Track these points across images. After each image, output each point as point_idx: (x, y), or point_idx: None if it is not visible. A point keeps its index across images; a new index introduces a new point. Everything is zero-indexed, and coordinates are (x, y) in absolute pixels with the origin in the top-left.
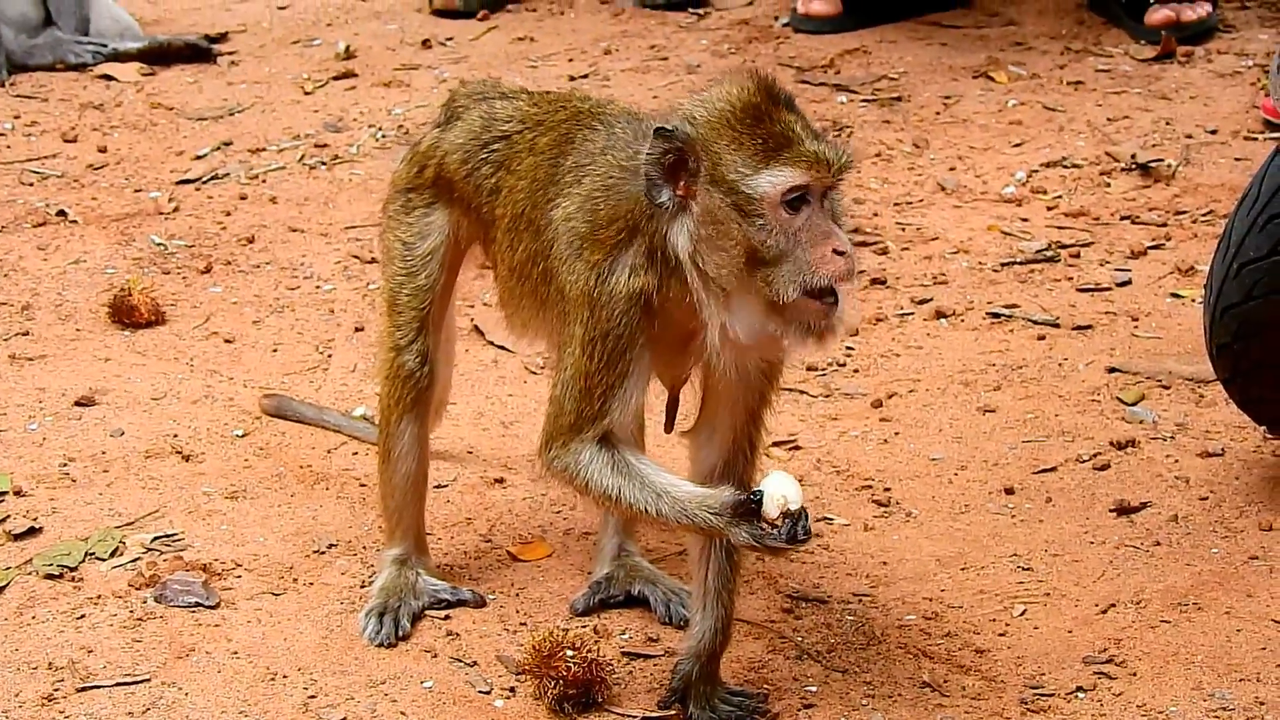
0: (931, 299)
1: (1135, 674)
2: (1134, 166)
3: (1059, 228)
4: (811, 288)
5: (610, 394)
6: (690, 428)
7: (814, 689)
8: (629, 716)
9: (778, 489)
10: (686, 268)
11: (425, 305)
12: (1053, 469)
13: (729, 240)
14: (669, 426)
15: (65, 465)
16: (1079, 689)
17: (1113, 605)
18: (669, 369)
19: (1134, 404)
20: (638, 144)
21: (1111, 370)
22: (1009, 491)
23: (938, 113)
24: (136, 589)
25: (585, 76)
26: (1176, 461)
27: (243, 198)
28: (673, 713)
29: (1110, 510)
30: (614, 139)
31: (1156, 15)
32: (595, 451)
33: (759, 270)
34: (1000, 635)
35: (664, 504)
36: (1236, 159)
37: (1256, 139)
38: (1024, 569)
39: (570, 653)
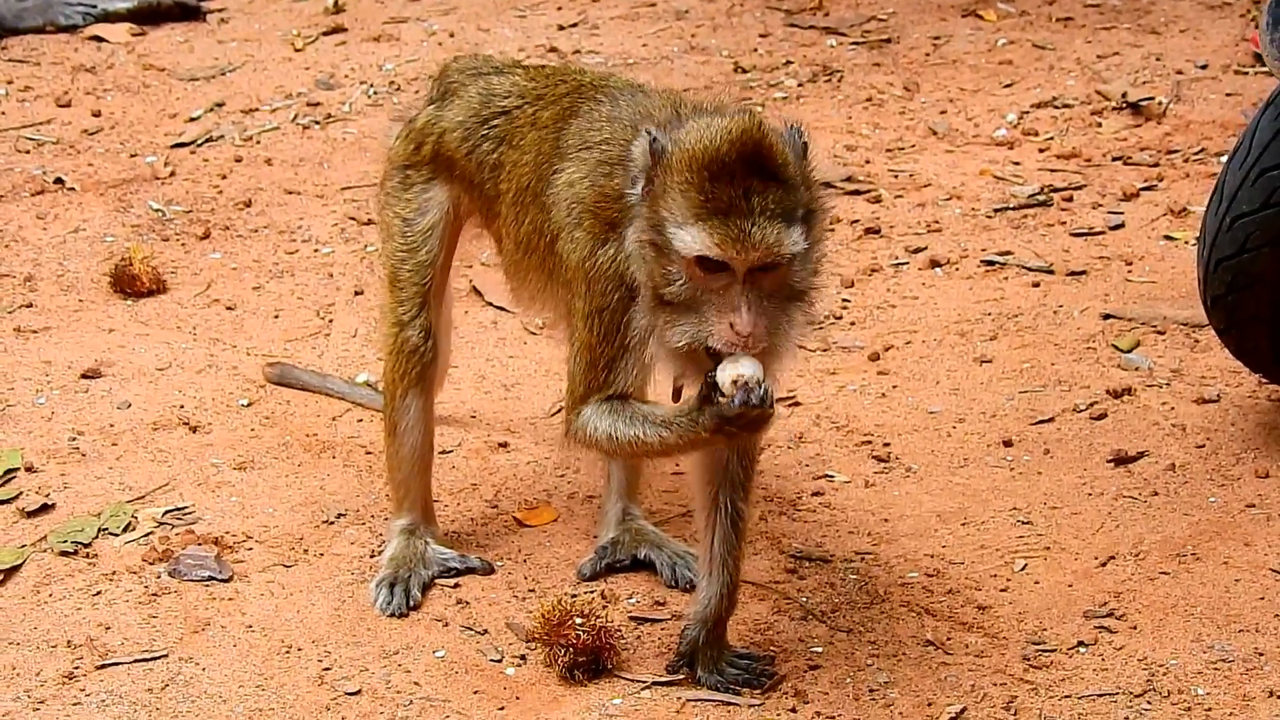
0: (925, 247)
1: (1135, 627)
2: (1125, 105)
3: (1051, 170)
4: (700, 348)
5: (613, 366)
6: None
7: (819, 649)
8: (638, 682)
9: (731, 367)
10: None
11: (426, 280)
12: (1050, 419)
13: (644, 265)
14: (676, 398)
15: (74, 439)
16: (1080, 643)
17: (1112, 558)
18: None
19: (1129, 351)
20: (641, 122)
21: (1106, 316)
22: (1007, 444)
23: (928, 54)
24: (150, 564)
25: (575, 25)
26: (1173, 409)
27: (238, 160)
28: (681, 677)
29: (1108, 460)
30: (619, 109)
31: None
32: (595, 405)
33: (661, 308)
34: (1001, 591)
35: (649, 428)
36: (1227, 94)
37: (1247, 73)
38: (1024, 523)
39: (579, 620)
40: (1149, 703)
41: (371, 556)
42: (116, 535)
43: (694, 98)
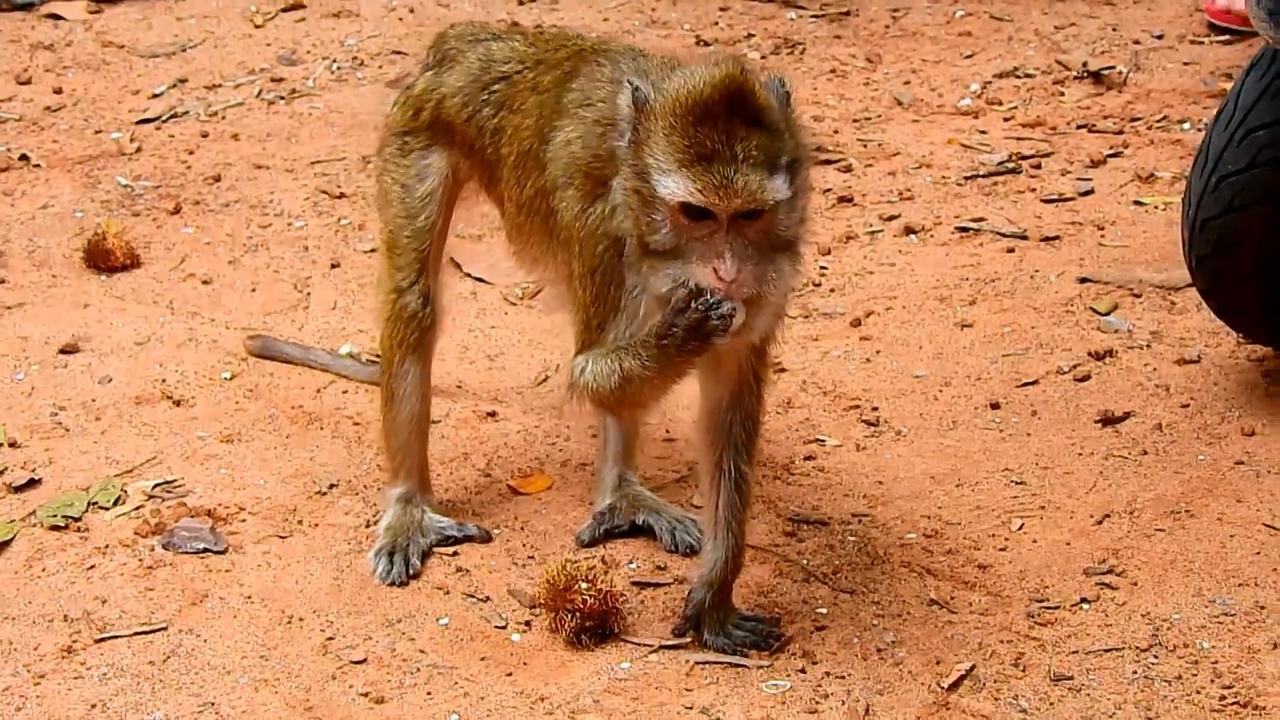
0: (899, 215)
1: (1136, 583)
2: (1085, 75)
3: (1018, 139)
4: (682, 292)
5: (605, 325)
6: None
7: (824, 611)
8: (645, 645)
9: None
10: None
11: (425, 246)
12: (1035, 382)
13: (630, 214)
14: None
15: (56, 414)
16: (1083, 600)
17: (1107, 516)
18: None
19: (1108, 314)
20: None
21: (1083, 280)
22: (994, 406)
23: (887, 26)
24: (143, 537)
25: (534, 0)
26: (1155, 370)
27: (204, 135)
28: (688, 640)
29: (1095, 421)
30: (619, 71)
31: None
32: (584, 357)
33: (647, 256)
34: (1000, 550)
35: (628, 359)
36: (1185, 63)
37: (1203, 42)
38: (1017, 483)
39: (584, 585)
40: (1155, 657)
41: (367, 526)
42: (107, 509)
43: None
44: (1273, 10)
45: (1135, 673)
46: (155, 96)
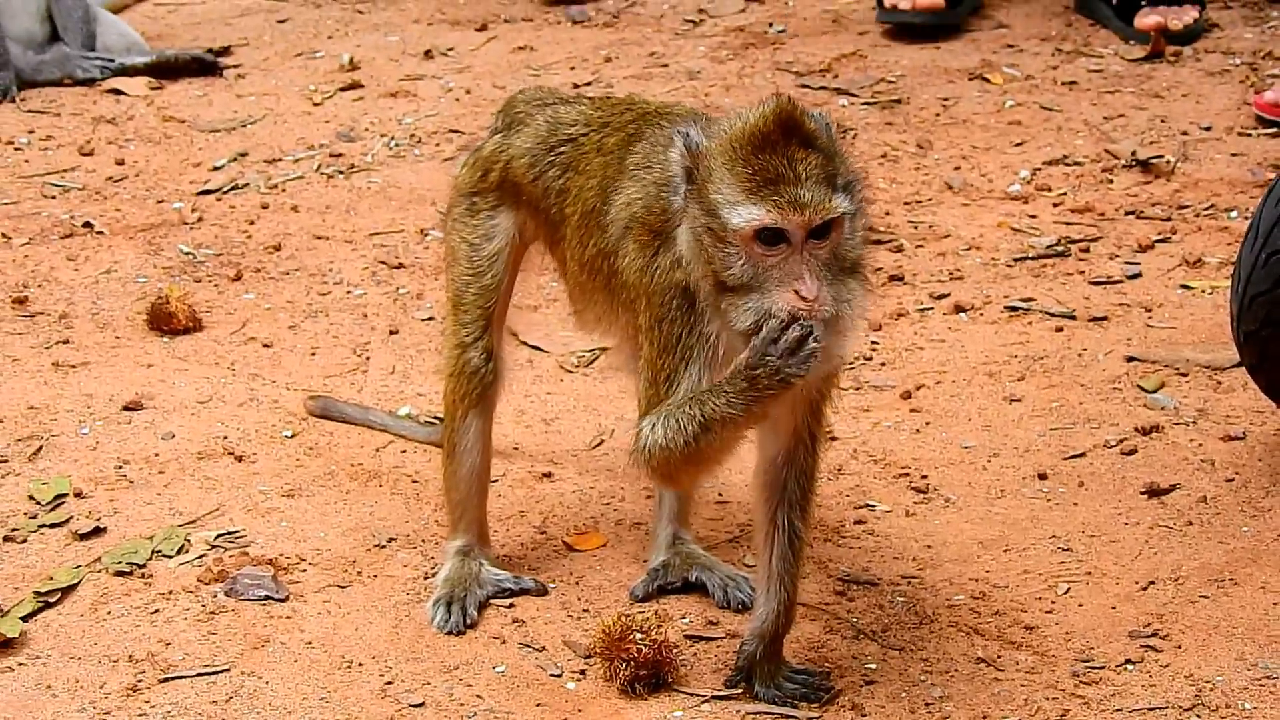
0: (949, 294)
1: (1180, 646)
2: (1134, 163)
3: (1066, 223)
4: (774, 322)
5: (674, 380)
6: None
7: (873, 666)
8: (697, 695)
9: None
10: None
11: (490, 304)
12: (1082, 454)
13: (702, 257)
14: None
15: (121, 467)
16: (1128, 661)
17: (1152, 582)
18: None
19: (1154, 391)
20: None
21: (1130, 359)
22: (1042, 476)
23: (938, 114)
24: (206, 584)
25: (589, 84)
26: (1200, 445)
27: (264, 207)
28: (739, 691)
29: (1141, 493)
30: None
31: (1147, 20)
32: (651, 418)
33: (724, 294)
34: (1047, 613)
35: (700, 410)
36: (1233, 154)
37: (1250, 135)
38: (1064, 550)
39: (639, 635)
40: (1198, 716)
41: (425, 578)
42: (170, 557)
43: None
44: None
45: None
46: (216, 169)
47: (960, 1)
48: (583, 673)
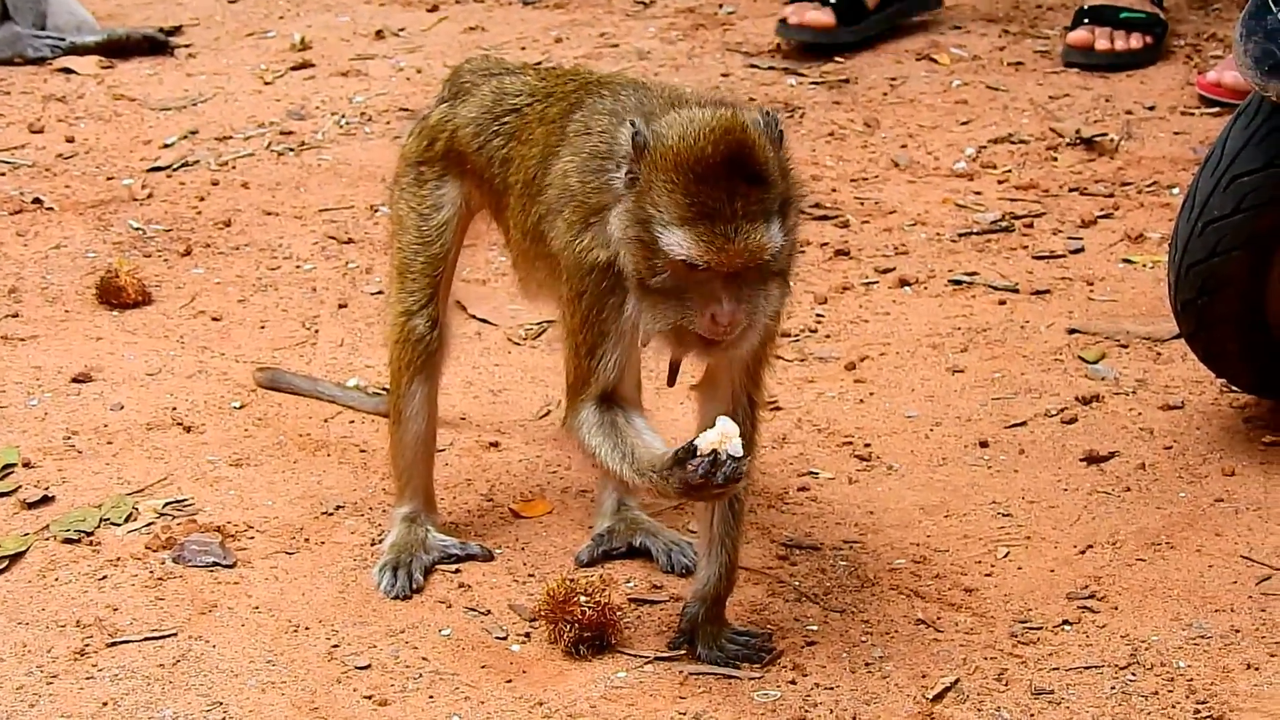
0: (894, 268)
1: (1116, 607)
2: (1078, 141)
3: (1011, 200)
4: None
5: (595, 354)
6: (697, 382)
7: (814, 628)
8: (641, 657)
9: (714, 435)
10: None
11: (438, 273)
12: (1023, 423)
13: (630, 250)
14: (671, 381)
15: (69, 438)
16: (1065, 622)
17: (1090, 546)
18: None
19: (1095, 362)
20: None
21: (1071, 331)
22: (983, 445)
23: (885, 93)
24: (154, 551)
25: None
26: (1140, 414)
27: (215, 183)
28: (682, 653)
29: (1080, 460)
30: (620, 103)
31: (1076, 35)
32: (591, 411)
33: (645, 290)
34: (986, 575)
35: (626, 466)
36: (1176, 133)
37: (1193, 114)
38: (1004, 515)
39: (584, 598)
40: (1133, 674)
41: (372, 545)
42: (118, 525)
43: (694, 94)
44: (1259, 57)
45: (1114, 689)
46: (166, 146)
47: (859, 19)
48: (528, 635)
